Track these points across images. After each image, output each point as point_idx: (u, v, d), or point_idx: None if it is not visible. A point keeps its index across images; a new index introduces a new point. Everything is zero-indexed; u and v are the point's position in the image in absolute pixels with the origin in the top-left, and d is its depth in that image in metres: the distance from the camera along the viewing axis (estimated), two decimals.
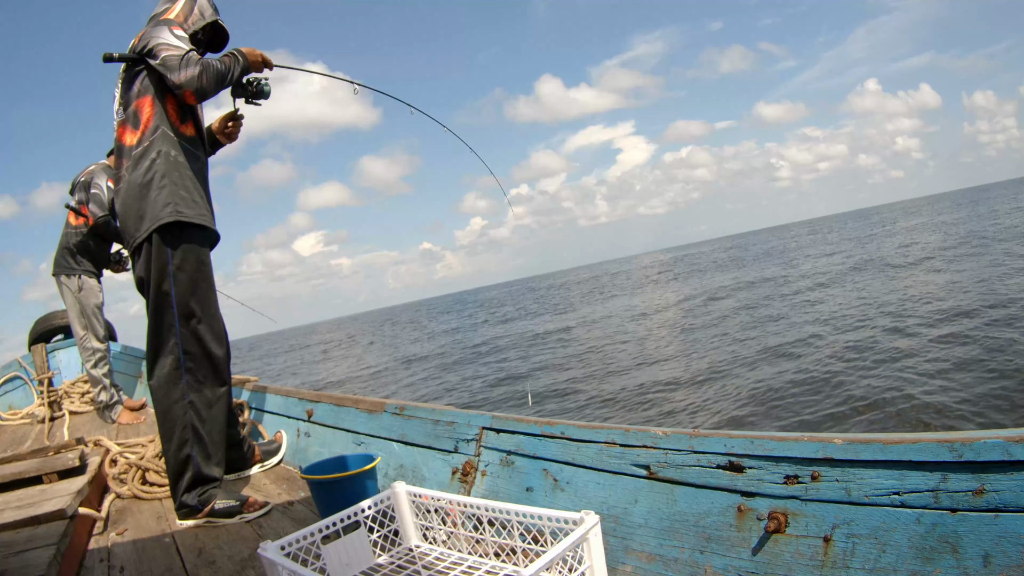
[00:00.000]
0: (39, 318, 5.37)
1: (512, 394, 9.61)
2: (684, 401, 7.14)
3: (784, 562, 1.03)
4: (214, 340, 1.98)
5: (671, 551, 1.19)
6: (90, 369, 3.83)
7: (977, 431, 0.92)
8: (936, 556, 0.88)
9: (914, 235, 25.98)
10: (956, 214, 37.85)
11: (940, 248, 18.39)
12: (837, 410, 5.71)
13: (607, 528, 1.27)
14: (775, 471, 1.09)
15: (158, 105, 1.92)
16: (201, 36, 2.10)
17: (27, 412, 4.36)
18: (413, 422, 1.95)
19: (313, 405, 2.49)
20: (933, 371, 6.21)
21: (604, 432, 1.38)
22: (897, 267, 15.67)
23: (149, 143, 1.90)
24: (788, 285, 16.55)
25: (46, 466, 2.21)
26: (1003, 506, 0.84)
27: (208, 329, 1.96)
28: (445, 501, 1.41)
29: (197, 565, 1.58)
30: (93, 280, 3.72)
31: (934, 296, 10.29)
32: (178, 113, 1.96)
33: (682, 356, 9.80)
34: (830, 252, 26.18)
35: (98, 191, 3.52)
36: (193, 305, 1.93)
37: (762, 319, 11.69)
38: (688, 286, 24.07)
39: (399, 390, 12.47)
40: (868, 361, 7.08)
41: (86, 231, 3.67)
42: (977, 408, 5.04)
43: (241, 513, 1.91)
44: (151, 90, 1.91)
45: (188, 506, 1.89)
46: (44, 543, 1.55)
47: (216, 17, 2.10)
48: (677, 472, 1.23)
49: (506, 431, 1.63)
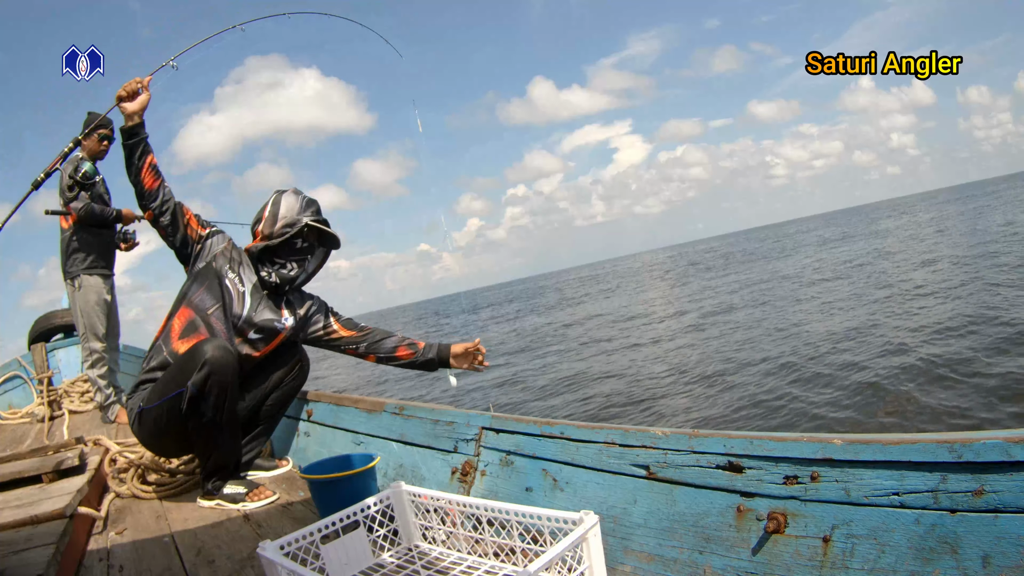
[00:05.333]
0: (39, 317, 5.37)
1: (513, 394, 9.61)
2: (684, 401, 7.14)
3: (783, 562, 1.03)
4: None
5: (670, 551, 1.19)
6: (87, 369, 3.83)
7: (976, 432, 0.92)
8: (935, 557, 0.88)
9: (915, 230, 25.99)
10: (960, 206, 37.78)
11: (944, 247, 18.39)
12: (837, 410, 5.71)
13: (606, 528, 1.27)
14: (774, 471, 1.09)
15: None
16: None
17: (26, 411, 4.36)
18: (412, 422, 1.95)
19: (313, 405, 2.49)
20: (933, 370, 6.21)
21: (603, 432, 1.38)
22: (897, 267, 15.69)
23: None
24: (788, 285, 16.56)
25: (45, 465, 2.20)
26: (1002, 507, 0.84)
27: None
28: (444, 501, 1.41)
29: (196, 564, 1.57)
30: (93, 278, 3.70)
31: (934, 296, 10.29)
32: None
33: (681, 357, 9.81)
34: (833, 248, 26.20)
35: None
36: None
37: (762, 319, 11.69)
38: (687, 285, 24.08)
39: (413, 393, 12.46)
40: (868, 361, 7.08)
41: (76, 229, 3.64)
42: (977, 408, 5.04)
43: (244, 500, 1.99)
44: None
45: (206, 490, 2.03)
46: (43, 542, 1.55)
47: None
48: (676, 472, 1.23)
49: (505, 431, 1.63)
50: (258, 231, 2.02)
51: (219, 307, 1.96)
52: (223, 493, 2.01)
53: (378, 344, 2.14)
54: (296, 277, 2.05)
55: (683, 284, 25.89)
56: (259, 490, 2.03)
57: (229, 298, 1.98)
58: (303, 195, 2.04)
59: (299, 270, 2.05)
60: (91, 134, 3.47)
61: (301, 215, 1.99)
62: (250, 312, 2.00)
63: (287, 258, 2.02)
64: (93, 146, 3.57)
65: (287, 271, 2.03)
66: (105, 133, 3.59)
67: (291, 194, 2.03)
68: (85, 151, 3.55)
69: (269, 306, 2.05)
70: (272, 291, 2.05)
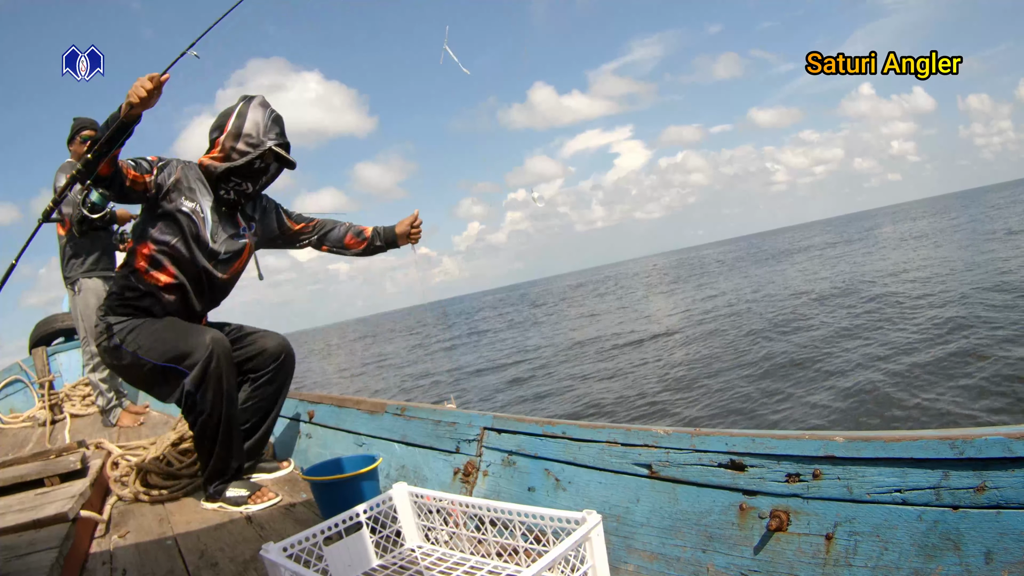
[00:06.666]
0: (40, 321, 5.36)
1: (514, 397, 9.61)
2: (684, 401, 7.13)
3: (786, 560, 1.03)
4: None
5: (673, 550, 1.19)
6: (88, 373, 3.83)
7: (978, 428, 0.92)
8: (938, 553, 0.88)
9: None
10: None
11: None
12: (839, 407, 5.70)
13: (609, 527, 1.27)
14: (777, 469, 1.09)
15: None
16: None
17: (28, 415, 4.36)
18: (414, 423, 1.95)
19: (314, 406, 2.49)
20: (934, 369, 6.21)
21: (605, 431, 1.38)
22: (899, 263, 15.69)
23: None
24: (788, 284, 16.55)
25: (48, 469, 2.21)
26: (1005, 503, 0.84)
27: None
28: (447, 501, 1.41)
29: (199, 567, 1.57)
30: (92, 281, 3.70)
31: (935, 294, 10.29)
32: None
33: (682, 356, 9.80)
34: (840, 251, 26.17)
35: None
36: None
37: (762, 320, 11.69)
38: (688, 288, 24.07)
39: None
40: (868, 360, 7.07)
41: (72, 234, 3.65)
42: (978, 404, 5.04)
43: (246, 503, 2.00)
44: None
45: (208, 493, 2.07)
46: (46, 546, 1.55)
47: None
48: (679, 471, 1.23)
49: (507, 431, 1.63)
50: (218, 142, 1.97)
51: (180, 238, 1.96)
52: (226, 496, 2.03)
53: (328, 235, 2.25)
54: (253, 194, 2.07)
55: (683, 284, 25.88)
56: (261, 492, 2.03)
57: (193, 225, 1.96)
58: (270, 109, 1.99)
59: (255, 188, 2.06)
60: (75, 135, 3.56)
61: (265, 137, 1.96)
62: (214, 233, 2.00)
63: (244, 178, 2.01)
64: (79, 149, 3.60)
65: (243, 188, 2.03)
66: (90, 135, 3.62)
67: (257, 107, 1.97)
68: (73, 155, 3.60)
69: (229, 222, 2.07)
70: (230, 207, 2.06)
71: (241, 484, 2.05)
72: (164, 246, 1.95)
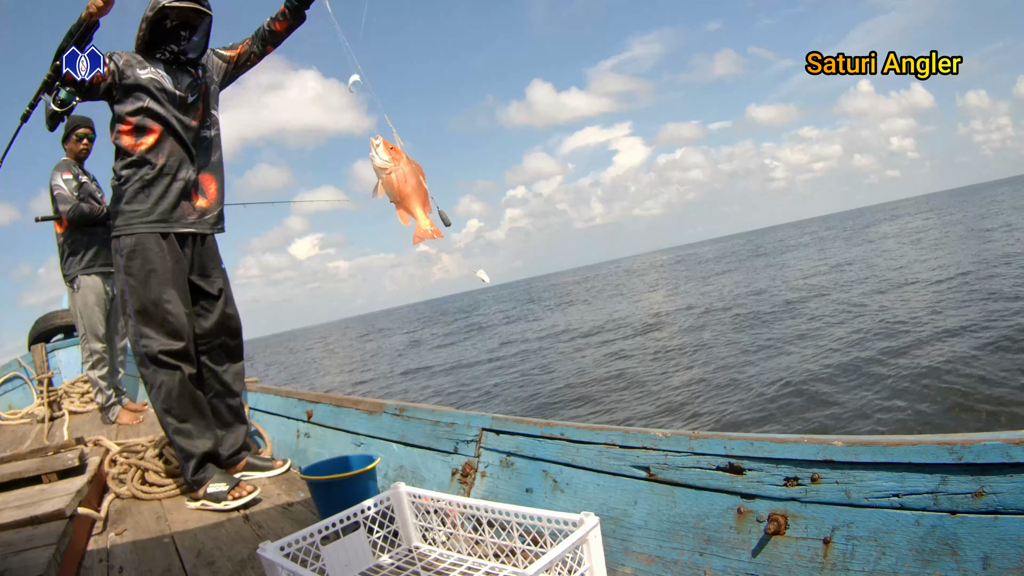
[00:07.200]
0: (39, 318, 5.36)
1: (514, 397, 9.61)
2: (683, 402, 7.13)
3: (784, 564, 1.03)
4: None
5: (671, 553, 1.18)
6: (87, 370, 3.83)
7: (976, 433, 0.92)
8: (936, 558, 0.88)
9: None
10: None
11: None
12: (837, 412, 5.71)
13: (607, 530, 1.27)
14: (775, 473, 1.09)
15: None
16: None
17: (26, 412, 4.35)
18: (413, 423, 1.95)
19: (313, 406, 2.49)
20: (934, 369, 6.21)
21: (604, 433, 1.38)
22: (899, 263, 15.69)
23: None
24: (789, 283, 16.55)
25: (45, 466, 2.20)
26: (1003, 508, 0.84)
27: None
28: (445, 502, 1.41)
29: (196, 566, 1.57)
30: (91, 278, 3.70)
31: (935, 294, 10.29)
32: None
33: (680, 357, 9.80)
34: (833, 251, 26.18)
35: (60, 189, 3.49)
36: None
37: (761, 320, 11.69)
38: (688, 288, 24.07)
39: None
40: (868, 361, 7.08)
41: (69, 231, 3.64)
42: (976, 409, 5.04)
43: (226, 499, 2.01)
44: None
45: (187, 482, 2.12)
46: (43, 543, 1.55)
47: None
48: (677, 474, 1.23)
49: (506, 432, 1.63)
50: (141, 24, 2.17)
51: (150, 97, 2.11)
52: (207, 492, 2.04)
53: (262, 35, 2.32)
54: (187, 49, 2.21)
55: (682, 285, 25.89)
56: (240, 486, 2.04)
57: (155, 82, 2.12)
58: None
59: (187, 43, 2.21)
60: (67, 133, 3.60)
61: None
62: (175, 83, 2.17)
63: (168, 41, 2.18)
64: (74, 146, 3.62)
65: (174, 48, 2.19)
66: (85, 132, 3.62)
67: None
68: (68, 153, 3.61)
69: (183, 72, 2.23)
70: (177, 64, 2.21)
71: (221, 479, 2.07)
72: (139, 111, 2.10)
